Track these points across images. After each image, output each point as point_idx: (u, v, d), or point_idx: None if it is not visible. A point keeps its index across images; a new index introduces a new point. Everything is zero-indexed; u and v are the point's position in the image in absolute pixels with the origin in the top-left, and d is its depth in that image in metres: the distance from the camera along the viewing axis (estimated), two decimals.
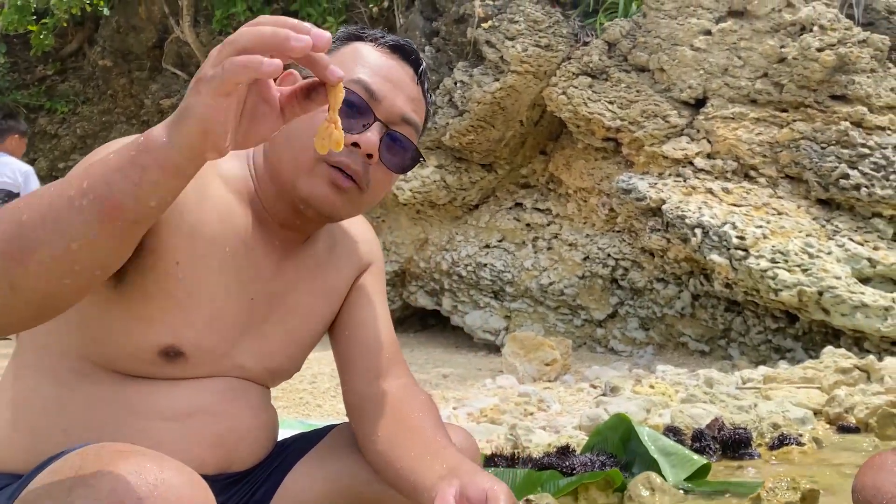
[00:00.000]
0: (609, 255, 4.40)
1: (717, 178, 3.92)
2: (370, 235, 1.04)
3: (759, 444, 1.95)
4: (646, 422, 2.14)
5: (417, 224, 4.99)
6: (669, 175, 4.03)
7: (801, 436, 1.96)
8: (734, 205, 3.75)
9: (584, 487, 1.47)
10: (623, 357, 4.21)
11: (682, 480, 1.56)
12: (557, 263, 4.57)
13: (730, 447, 1.87)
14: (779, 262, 3.41)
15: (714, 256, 3.59)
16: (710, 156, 3.98)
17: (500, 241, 4.78)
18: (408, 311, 5.30)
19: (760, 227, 3.56)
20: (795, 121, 3.78)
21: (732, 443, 1.87)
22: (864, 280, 3.42)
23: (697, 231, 3.67)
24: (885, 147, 3.59)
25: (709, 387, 2.63)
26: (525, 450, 1.90)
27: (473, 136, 4.47)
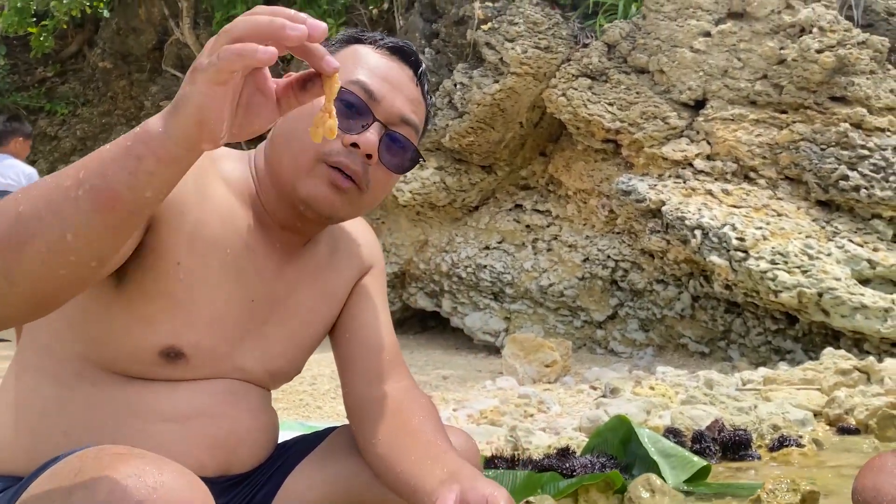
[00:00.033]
0: (609, 257, 4.40)
1: (717, 180, 3.92)
2: (371, 238, 1.04)
3: (760, 446, 1.95)
4: (646, 423, 2.14)
5: (417, 226, 4.99)
6: (669, 176, 4.03)
7: (801, 437, 1.96)
8: (734, 206, 3.75)
9: (585, 489, 1.47)
10: (623, 358, 4.21)
11: (683, 482, 1.57)
12: (557, 265, 4.57)
13: (730, 449, 1.87)
14: (778, 264, 3.42)
15: (714, 258, 3.59)
16: (710, 157, 3.98)
17: (500, 243, 4.78)
18: (407, 313, 5.30)
19: (760, 229, 3.56)
20: (795, 122, 3.78)
21: (732, 444, 1.87)
22: (864, 281, 3.42)
23: (697, 232, 3.67)
24: (885, 148, 3.59)
25: (709, 388, 2.63)
26: (525, 451, 1.90)
27: (473, 138, 4.47)
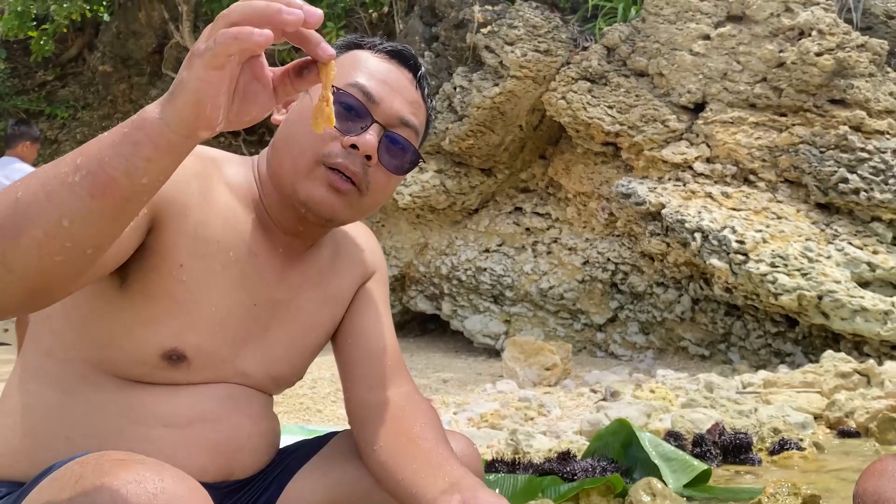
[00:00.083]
0: (609, 260, 4.40)
1: (717, 183, 3.92)
2: (373, 243, 1.04)
3: (760, 449, 1.95)
4: (646, 426, 2.14)
5: (417, 229, 4.99)
6: (669, 179, 4.04)
7: (802, 440, 1.96)
8: (734, 209, 3.75)
9: (586, 493, 1.47)
10: (623, 361, 4.21)
11: (683, 486, 1.56)
12: (557, 268, 4.57)
13: (730, 452, 1.87)
14: (778, 267, 3.42)
15: (714, 261, 3.59)
16: (710, 160, 3.98)
17: (500, 246, 4.78)
18: (407, 316, 5.30)
19: (760, 232, 3.56)
20: (794, 125, 3.79)
21: (733, 448, 1.87)
22: (864, 284, 3.42)
23: (697, 235, 3.67)
24: (884, 151, 3.60)
25: (709, 391, 2.63)
26: (526, 455, 1.89)
27: (473, 141, 4.47)
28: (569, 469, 1.60)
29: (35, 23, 6.27)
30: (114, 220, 0.62)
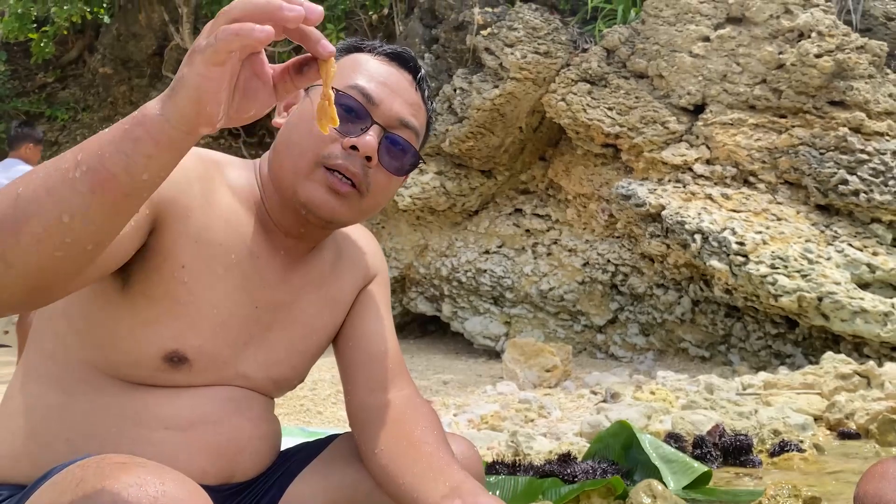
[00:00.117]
0: (609, 261, 4.40)
1: (717, 184, 3.93)
2: (375, 246, 1.04)
3: (760, 451, 1.95)
4: (647, 428, 2.14)
5: (417, 230, 4.99)
6: (669, 181, 4.04)
7: (802, 442, 1.96)
8: (733, 210, 3.75)
9: (586, 495, 1.47)
10: (623, 363, 4.21)
11: (684, 488, 1.56)
12: (557, 269, 4.58)
13: (731, 454, 1.87)
14: (778, 268, 3.42)
15: (714, 262, 3.59)
16: (710, 162, 3.99)
17: (500, 247, 4.78)
18: (408, 318, 5.30)
19: (760, 233, 3.56)
20: (794, 127, 3.79)
21: (733, 449, 1.87)
22: (864, 285, 3.43)
23: (697, 237, 3.67)
24: (884, 153, 3.60)
25: (709, 393, 2.63)
26: (526, 457, 1.89)
27: (473, 143, 4.48)
28: (569, 471, 1.60)
29: (35, 25, 6.28)
30: (114, 217, 0.62)
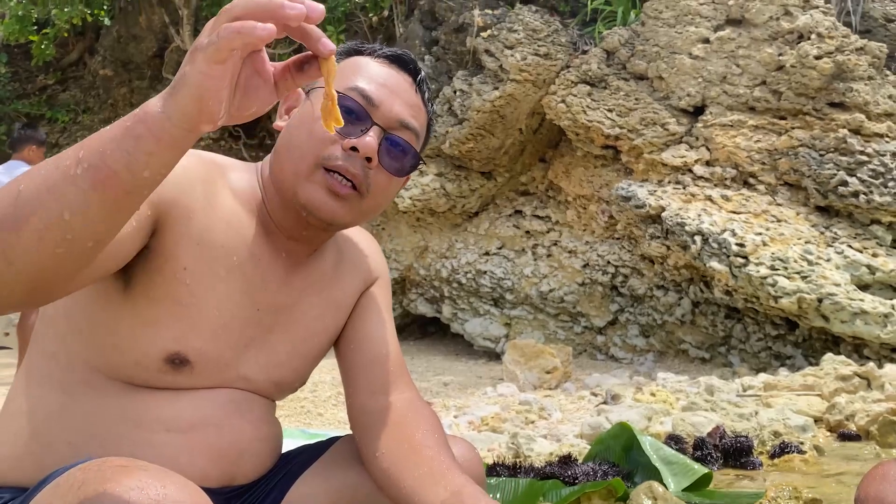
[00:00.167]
0: (609, 263, 4.40)
1: (717, 186, 3.93)
2: (376, 249, 1.05)
3: (761, 453, 1.95)
4: (647, 430, 2.14)
5: (417, 232, 4.99)
6: (669, 182, 4.04)
7: (803, 444, 1.96)
8: (733, 212, 3.76)
9: (587, 497, 1.47)
10: (624, 364, 4.21)
11: (684, 490, 1.56)
12: (557, 270, 4.58)
13: (731, 455, 1.87)
14: (778, 269, 3.42)
15: (714, 263, 3.59)
16: (709, 163, 3.99)
17: (500, 249, 4.78)
18: (408, 319, 5.30)
19: (760, 235, 3.57)
20: (794, 128, 3.80)
21: (734, 451, 1.87)
22: (864, 287, 3.43)
23: (697, 238, 3.67)
24: (884, 154, 3.60)
25: (709, 394, 2.63)
26: (527, 459, 1.90)
27: (473, 145, 4.48)
28: (570, 473, 1.60)
29: (36, 27, 6.28)
30: (115, 214, 0.62)
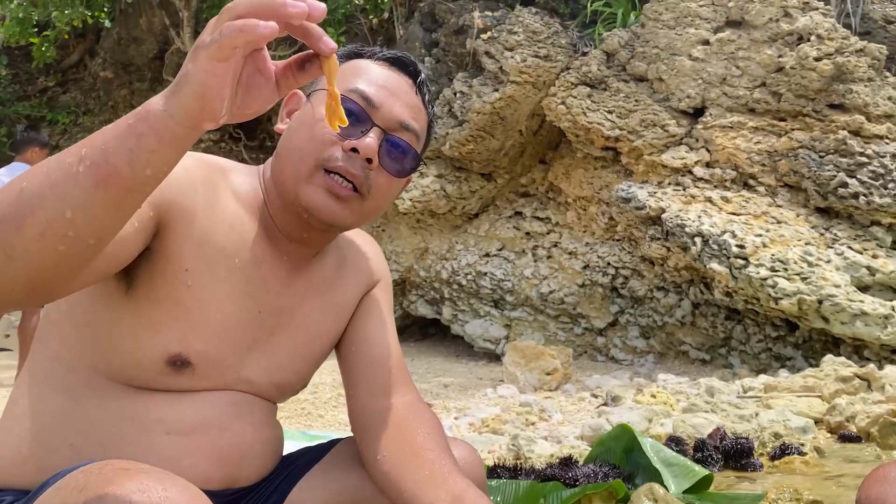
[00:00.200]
0: (609, 264, 4.40)
1: (717, 187, 3.93)
2: (377, 252, 1.05)
3: (761, 454, 1.95)
4: (647, 431, 2.14)
5: (417, 233, 4.99)
6: (669, 184, 4.04)
7: (803, 445, 1.96)
8: (733, 213, 3.76)
9: (588, 498, 1.47)
10: (624, 366, 4.21)
11: (685, 491, 1.56)
12: (557, 272, 4.58)
13: (732, 457, 1.87)
14: (778, 271, 3.42)
15: (714, 265, 3.59)
16: (709, 165, 3.99)
17: (500, 250, 4.78)
18: (408, 321, 5.30)
19: (760, 236, 3.57)
20: (794, 130, 3.80)
21: (734, 453, 1.86)
22: (864, 288, 3.43)
23: (697, 240, 3.67)
24: (884, 155, 3.60)
25: (710, 396, 2.63)
26: (527, 460, 1.89)
27: (473, 146, 4.48)
28: (571, 474, 1.60)
29: (36, 29, 6.29)
30: (116, 211, 0.62)
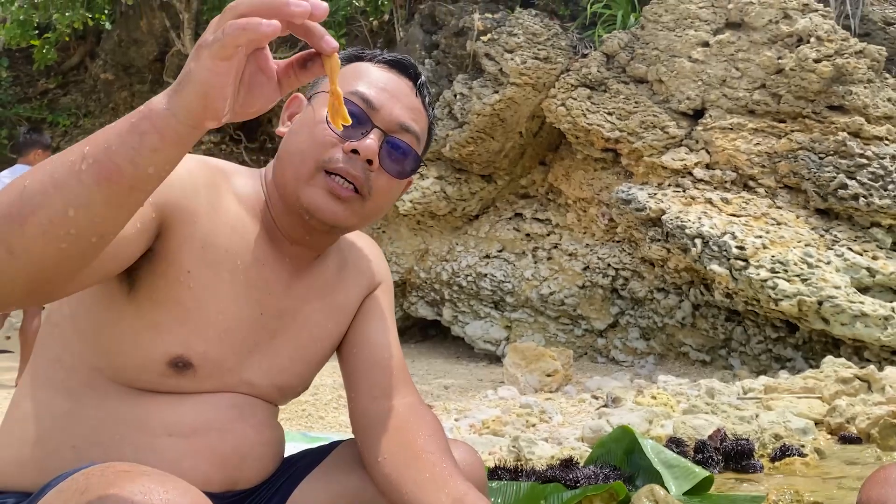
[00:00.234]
0: (609, 265, 4.41)
1: (717, 189, 3.94)
2: (378, 254, 1.05)
3: (762, 455, 1.95)
4: (648, 433, 2.14)
5: (418, 235, 5.00)
6: (669, 185, 4.05)
7: (804, 446, 1.96)
8: (733, 215, 3.76)
9: (588, 500, 1.47)
10: (624, 367, 4.21)
11: (685, 493, 1.56)
12: (557, 273, 4.58)
13: (732, 458, 1.87)
14: (778, 272, 3.42)
15: (714, 266, 3.59)
16: (709, 166, 4.00)
17: (500, 252, 4.79)
18: (408, 322, 5.30)
19: (760, 237, 3.57)
20: (793, 131, 3.80)
21: (735, 454, 1.86)
22: (864, 289, 3.43)
23: (697, 241, 3.68)
24: (883, 157, 3.61)
25: (710, 397, 2.63)
26: (528, 462, 1.90)
27: (473, 148, 4.49)
28: (571, 476, 1.60)
29: (37, 31, 6.29)
30: (118, 209, 0.62)
